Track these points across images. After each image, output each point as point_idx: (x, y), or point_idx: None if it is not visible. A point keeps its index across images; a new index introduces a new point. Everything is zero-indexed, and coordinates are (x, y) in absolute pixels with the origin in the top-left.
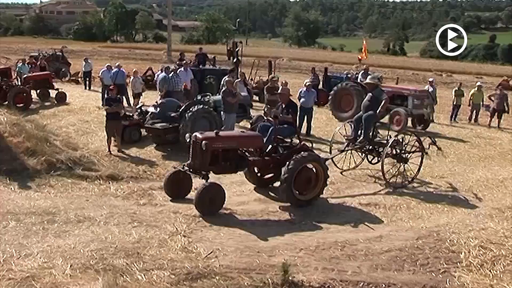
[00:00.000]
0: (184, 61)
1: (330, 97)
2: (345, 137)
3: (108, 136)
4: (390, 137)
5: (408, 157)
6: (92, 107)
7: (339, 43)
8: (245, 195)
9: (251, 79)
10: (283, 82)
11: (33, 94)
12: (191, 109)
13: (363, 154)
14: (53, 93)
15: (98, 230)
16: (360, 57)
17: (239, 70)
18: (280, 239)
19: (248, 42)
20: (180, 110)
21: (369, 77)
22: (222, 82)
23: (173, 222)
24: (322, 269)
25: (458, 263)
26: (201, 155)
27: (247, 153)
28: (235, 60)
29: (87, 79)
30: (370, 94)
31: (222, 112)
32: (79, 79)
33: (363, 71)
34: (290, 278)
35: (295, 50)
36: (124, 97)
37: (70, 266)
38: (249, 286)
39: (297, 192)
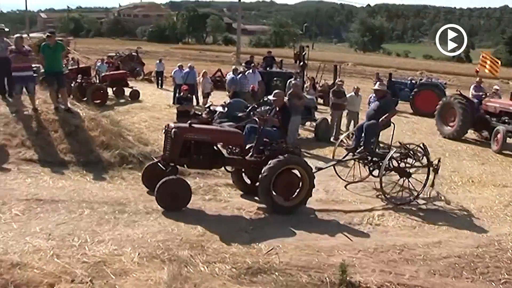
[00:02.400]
0: (252, 64)
1: (436, 113)
2: (345, 147)
3: None
4: (401, 147)
5: (412, 171)
6: (163, 105)
7: (404, 49)
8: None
9: (317, 83)
10: (355, 87)
11: (109, 91)
12: (257, 110)
13: (365, 166)
14: (127, 91)
15: (165, 222)
16: (477, 70)
17: (305, 74)
18: (339, 239)
19: (314, 47)
20: (247, 111)
21: (377, 83)
22: (287, 84)
23: (236, 218)
24: (379, 271)
25: None
26: (171, 145)
27: (232, 152)
28: (301, 63)
29: (160, 78)
30: (377, 103)
31: None
32: (152, 78)
33: (475, 84)
34: (347, 278)
35: (360, 55)
36: (194, 96)
37: (138, 254)
38: (307, 284)
39: (277, 196)
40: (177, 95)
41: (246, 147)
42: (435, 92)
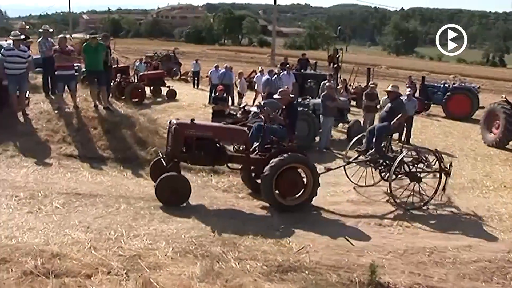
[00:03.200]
0: (287, 65)
1: (481, 119)
2: (356, 149)
3: None
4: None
5: (423, 176)
6: (199, 105)
7: (437, 53)
8: (338, 196)
9: (350, 85)
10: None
11: (147, 90)
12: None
13: (376, 169)
14: (164, 90)
15: (198, 219)
16: None
17: (339, 76)
18: (369, 240)
19: (348, 49)
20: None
21: (390, 85)
22: (321, 86)
23: (268, 216)
24: (408, 273)
25: None
26: (173, 140)
27: (239, 150)
28: (335, 66)
29: (196, 78)
30: (389, 104)
31: (320, 115)
32: (188, 78)
33: None
34: (376, 279)
35: (393, 58)
36: (229, 96)
37: (172, 249)
38: (337, 283)
39: (279, 194)
40: (213, 95)
41: (254, 145)
42: (468, 96)
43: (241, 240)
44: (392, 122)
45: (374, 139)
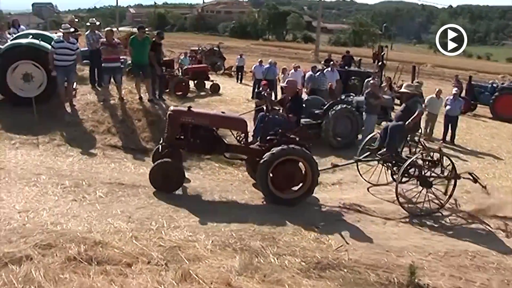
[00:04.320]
0: (332, 62)
1: None
2: (367, 147)
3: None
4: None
5: (433, 182)
6: (242, 99)
7: (486, 52)
8: (380, 195)
9: (394, 83)
10: (436, 89)
11: (191, 84)
12: (334, 108)
13: (388, 169)
14: (208, 84)
15: (238, 212)
16: None
17: (383, 74)
18: (409, 240)
19: (393, 47)
20: (324, 108)
21: (404, 85)
22: (365, 84)
23: (308, 212)
24: (449, 276)
25: None
26: (169, 127)
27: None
28: (379, 63)
29: (240, 73)
30: (404, 104)
31: (363, 113)
32: (232, 73)
33: None
34: (416, 280)
35: (440, 56)
36: (273, 92)
37: (211, 242)
38: (375, 283)
39: (276, 186)
40: (256, 90)
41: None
42: None
43: (281, 236)
44: (407, 123)
45: (387, 138)
